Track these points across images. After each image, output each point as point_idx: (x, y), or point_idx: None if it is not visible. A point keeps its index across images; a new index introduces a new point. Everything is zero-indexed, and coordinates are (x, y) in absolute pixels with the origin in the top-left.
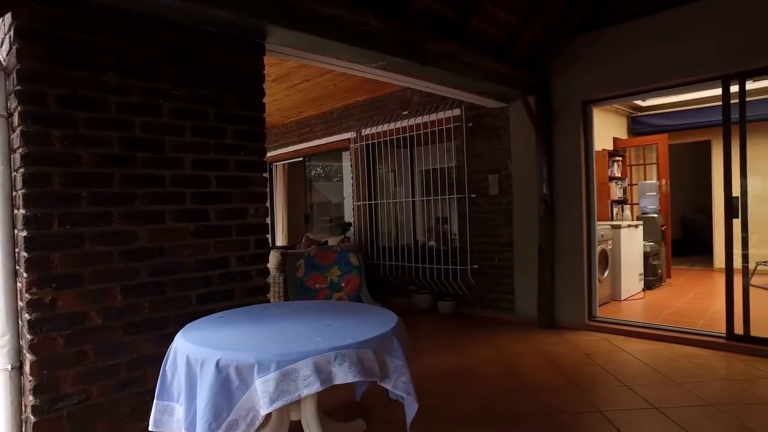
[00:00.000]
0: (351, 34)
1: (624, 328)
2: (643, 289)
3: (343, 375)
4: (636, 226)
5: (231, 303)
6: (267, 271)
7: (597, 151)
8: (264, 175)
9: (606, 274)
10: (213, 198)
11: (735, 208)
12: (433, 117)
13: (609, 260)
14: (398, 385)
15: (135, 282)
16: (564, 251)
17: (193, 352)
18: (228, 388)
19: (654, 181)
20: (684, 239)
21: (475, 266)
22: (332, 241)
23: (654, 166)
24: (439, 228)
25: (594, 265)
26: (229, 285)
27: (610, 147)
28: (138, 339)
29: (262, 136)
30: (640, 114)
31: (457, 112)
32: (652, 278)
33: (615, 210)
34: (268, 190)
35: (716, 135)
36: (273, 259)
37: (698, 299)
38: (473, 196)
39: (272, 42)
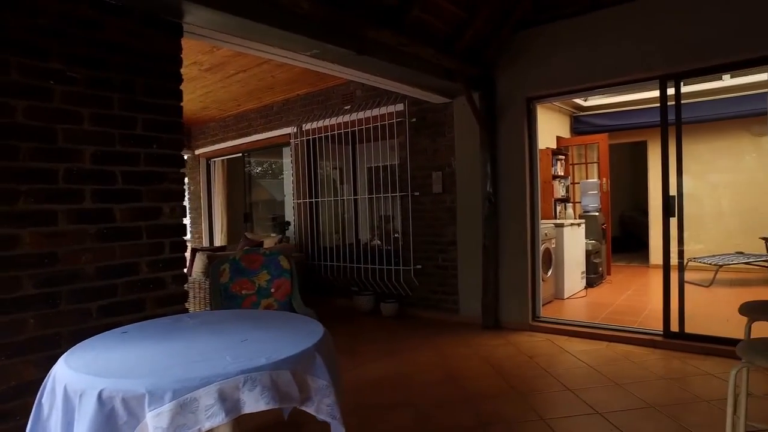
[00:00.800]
0: (281, 17)
1: (567, 328)
2: (585, 287)
3: (253, 403)
4: (579, 224)
5: (141, 315)
6: (184, 278)
7: (541, 150)
8: (181, 170)
9: (549, 273)
10: (119, 196)
11: (672, 207)
12: (376, 112)
13: (552, 259)
14: (322, 408)
15: (16, 295)
16: (508, 251)
17: (73, 381)
18: (113, 425)
19: (595, 179)
20: (622, 237)
21: (419, 266)
22: (270, 241)
23: (595, 165)
24: (382, 227)
25: (538, 265)
26: (138, 294)
27: (554, 145)
28: (18, 362)
29: (178, 127)
30: (582, 114)
31: (400, 107)
32: (593, 276)
33: (558, 208)
34: (205, 187)
35: (652, 136)
36: (199, 263)
37: (636, 296)
38: (417, 194)
39: (192, 22)
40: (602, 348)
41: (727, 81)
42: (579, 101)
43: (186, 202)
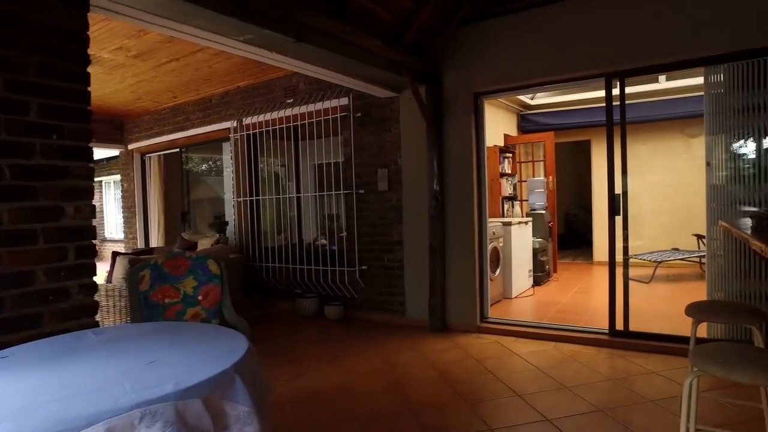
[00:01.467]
0: None
1: (515, 328)
2: (533, 285)
3: None
4: (526, 223)
5: (37, 332)
6: (94, 286)
7: (488, 147)
8: (90, 165)
9: (497, 272)
10: (6, 194)
11: (618, 205)
12: (320, 106)
13: (500, 258)
14: None
15: None
16: (455, 250)
17: None
18: None
19: (542, 178)
20: (567, 234)
21: (364, 267)
22: (208, 242)
23: (542, 163)
24: (326, 226)
25: (486, 264)
26: (34, 308)
27: (502, 143)
28: None
29: (85, 115)
30: (528, 112)
31: (344, 101)
32: (540, 274)
33: (506, 206)
34: (140, 184)
35: (596, 135)
36: (120, 268)
37: (582, 294)
38: (361, 192)
39: None
40: (550, 349)
41: (663, 83)
42: (526, 99)
43: (111, 201)
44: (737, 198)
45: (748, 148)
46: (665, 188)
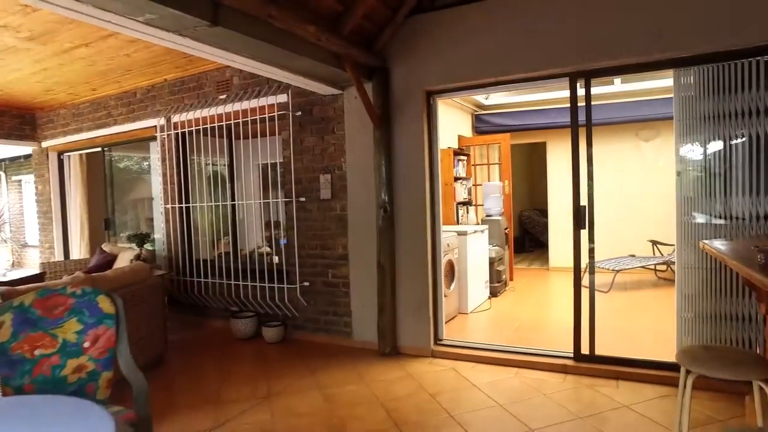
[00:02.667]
0: None
1: (473, 353)
2: (489, 297)
3: None
4: (482, 230)
5: None
6: None
7: (442, 150)
8: None
9: (452, 287)
10: None
11: (582, 218)
12: (255, 103)
13: (455, 271)
14: None
15: None
16: (407, 266)
17: None
18: None
19: (498, 182)
20: (520, 236)
21: (306, 283)
22: (128, 255)
23: (497, 166)
24: (271, 235)
25: (440, 281)
26: None
27: (456, 145)
28: None
29: None
30: (483, 112)
31: (283, 98)
32: (497, 284)
33: (461, 212)
34: (57, 188)
35: (552, 137)
36: None
37: (541, 306)
38: (302, 200)
39: None
40: (512, 377)
41: (617, 86)
42: (480, 99)
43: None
44: (710, 210)
45: (719, 157)
46: (618, 193)
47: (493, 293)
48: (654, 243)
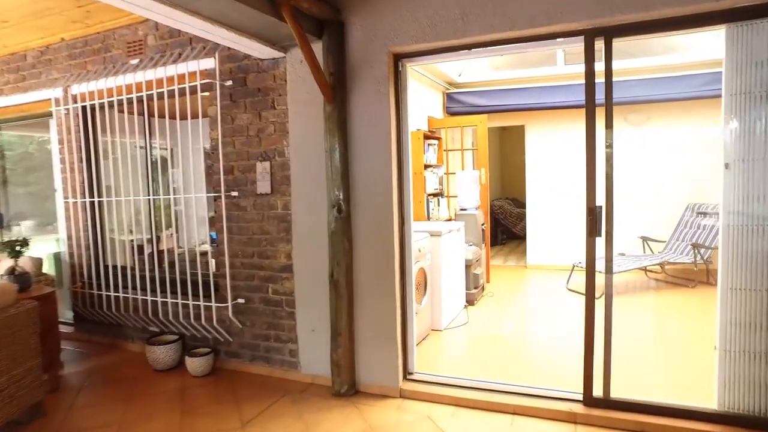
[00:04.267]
0: None
1: (452, 393)
2: (466, 305)
3: None
4: (458, 229)
5: None
6: None
7: (411, 132)
8: None
9: (424, 301)
10: None
11: (597, 224)
12: (174, 70)
13: (428, 282)
14: None
15: None
16: (367, 279)
17: None
18: None
19: (474, 171)
20: (492, 227)
21: (241, 300)
22: (4, 265)
23: (470, 152)
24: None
25: (410, 296)
26: None
27: (425, 127)
28: None
29: None
30: (456, 90)
31: (209, 63)
32: (473, 291)
33: (431, 205)
34: None
35: (532, 119)
36: None
37: (527, 318)
38: (234, 194)
39: None
40: (504, 427)
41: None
42: (453, 75)
43: None
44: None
45: None
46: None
47: (470, 301)
48: (645, 240)
